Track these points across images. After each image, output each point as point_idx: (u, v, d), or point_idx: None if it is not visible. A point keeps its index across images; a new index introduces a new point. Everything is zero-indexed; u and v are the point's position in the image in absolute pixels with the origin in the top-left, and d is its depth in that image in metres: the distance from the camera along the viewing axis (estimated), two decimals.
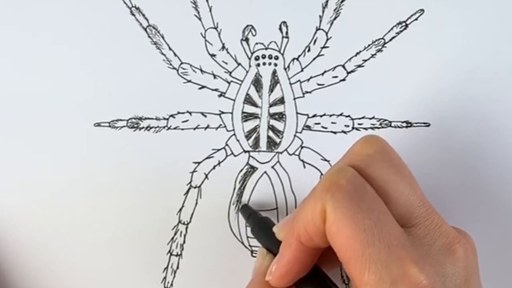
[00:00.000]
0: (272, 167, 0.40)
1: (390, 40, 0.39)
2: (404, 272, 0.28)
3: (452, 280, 0.29)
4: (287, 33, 0.39)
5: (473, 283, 0.30)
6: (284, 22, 0.39)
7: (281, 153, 0.40)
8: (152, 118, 0.40)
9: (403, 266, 0.28)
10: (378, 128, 0.39)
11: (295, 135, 0.40)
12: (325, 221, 0.30)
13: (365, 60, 0.39)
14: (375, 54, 0.39)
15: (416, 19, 0.39)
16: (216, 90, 0.40)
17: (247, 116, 0.40)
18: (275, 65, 0.39)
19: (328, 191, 0.29)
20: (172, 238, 0.40)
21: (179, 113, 0.40)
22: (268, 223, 0.37)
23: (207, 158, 0.40)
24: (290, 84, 0.40)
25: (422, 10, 0.39)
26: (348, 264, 0.29)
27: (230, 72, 0.40)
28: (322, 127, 0.40)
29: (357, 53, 0.39)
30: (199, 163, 0.40)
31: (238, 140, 0.40)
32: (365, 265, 0.28)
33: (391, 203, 0.30)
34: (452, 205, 0.40)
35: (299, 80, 0.40)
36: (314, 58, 0.39)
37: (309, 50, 0.39)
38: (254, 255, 0.40)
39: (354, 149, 0.32)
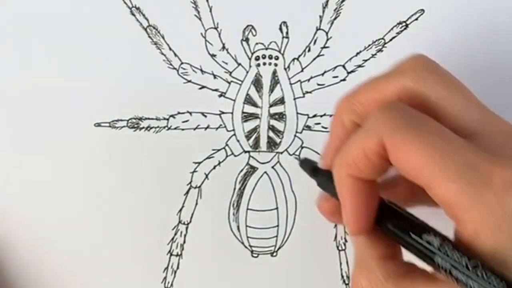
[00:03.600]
0: (273, 167, 0.40)
1: (390, 40, 0.39)
2: (491, 172, 0.27)
3: None
4: (287, 33, 0.39)
5: None
6: (284, 22, 0.39)
7: (281, 153, 0.40)
8: (152, 118, 0.40)
9: (488, 168, 0.27)
10: None
11: (295, 135, 0.40)
12: (380, 155, 0.29)
13: (366, 60, 0.39)
14: (375, 54, 0.39)
15: (416, 19, 0.39)
16: (216, 90, 0.40)
17: (247, 116, 0.40)
18: (275, 65, 0.39)
19: (383, 123, 0.29)
20: (172, 238, 0.40)
21: (179, 113, 0.40)
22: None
23: (207, 158, 0.40)
24: (290, 84, 0.40)
25: (422, 10, 0.39)
26: (429, 182, 0.28)
27: (230, 72, 0.40)
28: (323, 127, 0.40)
29: (357, 53, 0.39)
30: (199, 163, 0.40)
31: (238, 140, 0.40)
32: (448, 177, 0.27)
33: (450, 117, 0.30)
34: None
35: (299, 80, 0.40)
36: (315, 58, 0.39)
37: (309, 50, 0.39)
38: (254, 255, 0.40)
39: (402, 67, 0.31)
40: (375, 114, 0.30)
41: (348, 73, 0.39)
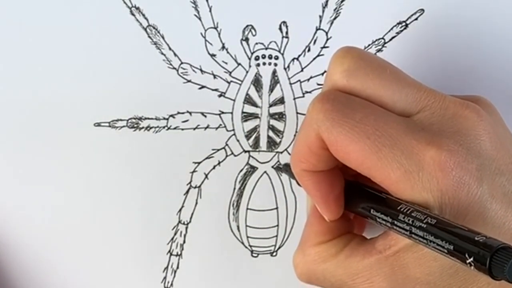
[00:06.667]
0: (272, 166, 0.40)
1: (390, 40, 0.39)
2: (425, 155, 0.28)
3: (477, 144, 0.29)
4: (287, 33, 0.39)
5: (503, 139, 0.30)
6: (284, 22, 0.39)
7: (281, 153, 0.40)
8: (152, 118, 0.40)
9: (422, 150, 0.28)
10: None
11: (295, 135, 0.40)
12: (323, 147, 0.30)
13: None
14: (375, 53, 0.39)
15: (416, 19, 0.39)
16: (216, 90, 0.40)
17: (247, 116, 0.40)
18: (275, 65, 0.40)
19: (317, 119, 0.29)
20: (172, 238, 0.40)
21: (179, 113, 0.40)
22: None
23: (207, 158, 0.40)
24: (290, 84, 0.40)
25: (422, 10, 0.39)
26: (371, 173, 0.29)
27: (230, 72, 0.40)
28: None
29: None
30: (199, 163, 0.40)
31: (238, 140, 0.40)
32: (386, 167, 0.28)
33: (387, 104, 0.30)
34: None
35: (299, 80, 0.40)
36: (314, 58, 0.39)
37: (309, 50, 0.39)
38: (254, 255, 0.40)
39: (329, 71, 0.32)
40: (310, 109, 0.30)
41: None
